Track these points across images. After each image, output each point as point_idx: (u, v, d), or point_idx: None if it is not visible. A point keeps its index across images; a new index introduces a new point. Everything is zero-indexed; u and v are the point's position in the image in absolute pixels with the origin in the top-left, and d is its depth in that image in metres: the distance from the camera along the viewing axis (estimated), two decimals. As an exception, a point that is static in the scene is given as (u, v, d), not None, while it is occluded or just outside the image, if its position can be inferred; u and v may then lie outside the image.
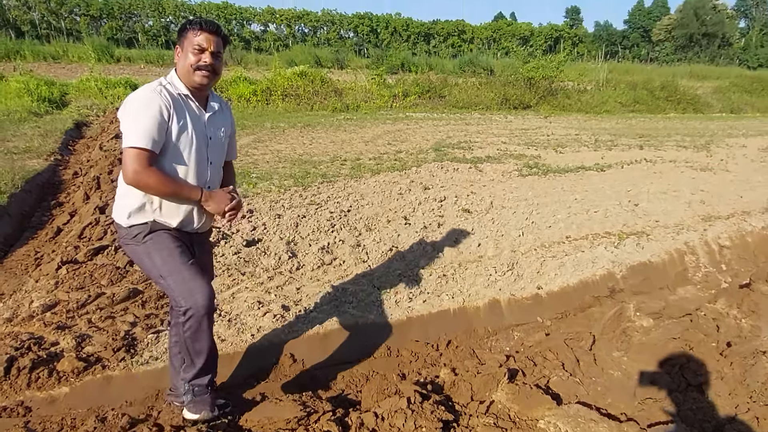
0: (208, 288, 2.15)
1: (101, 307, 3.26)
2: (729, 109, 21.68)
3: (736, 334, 3.09)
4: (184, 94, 2.11)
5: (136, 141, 1.95)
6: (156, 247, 2.14)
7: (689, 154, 9.87)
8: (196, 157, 2.15)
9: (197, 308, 2.11)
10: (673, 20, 65.86)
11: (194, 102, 2.15)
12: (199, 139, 2.16)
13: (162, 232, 2.17)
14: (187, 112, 2.11)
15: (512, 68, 20.12)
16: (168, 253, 2.14)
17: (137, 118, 1.97)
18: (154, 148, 1.99)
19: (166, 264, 2.13)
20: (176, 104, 2.07)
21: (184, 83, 2.12)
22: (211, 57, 2.08)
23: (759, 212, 6.07)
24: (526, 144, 10.21)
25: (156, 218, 2.15)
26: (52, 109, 12.09)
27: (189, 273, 2.13)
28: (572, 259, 4.48)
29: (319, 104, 15.42)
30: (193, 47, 2.06)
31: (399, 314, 3.51)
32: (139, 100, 2.00)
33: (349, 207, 5.45)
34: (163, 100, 2.02)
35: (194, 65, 2.07)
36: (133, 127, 1.96)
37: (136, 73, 22.41)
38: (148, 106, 1.99)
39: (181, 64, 2.10)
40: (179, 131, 2.07)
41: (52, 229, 4.82)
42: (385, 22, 62.45)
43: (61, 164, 7.26)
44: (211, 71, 2.10)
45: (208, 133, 2.21)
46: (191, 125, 2.12)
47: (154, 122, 1.97)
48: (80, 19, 51.70)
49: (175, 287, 2.12)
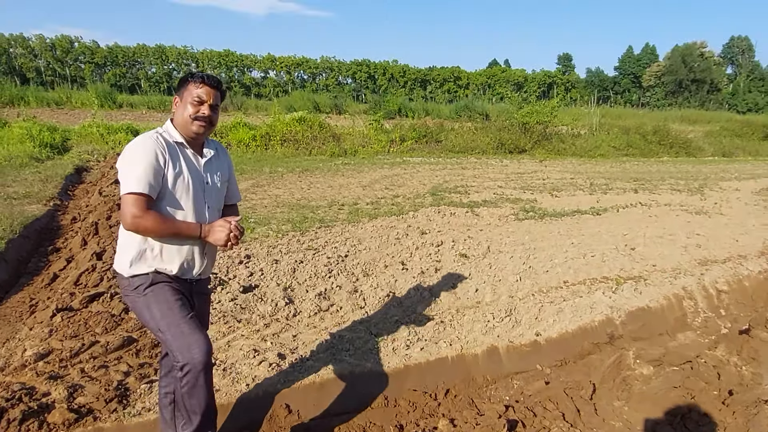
0: (205, 343, 2.14)
1: (95, 356, 3.22)
2: (721, 152, 22.06)
3: (738, 382, 3.06)
4: (179, 142, 2.17)
5: (132, 187, 1.99)
6: (156, 299, 2.14)
7: (684, 198, 9.99)
8: (194, 202, 2.18)
9: (194, 364, 2.09)
10: (662, 67, 67.86)
11: (189, 149, 2.21)
12: (196, 184, 2.20)
13: (163, 284, 2.17)
14: (183, 159, 2.17)
15: (507, 113, 20.59)
16: (167, 307, 2.13)
17: (133, 164, 2.02)
18: (151, 193, 2.02)
19: (165, 317, 2.12)
20: (171, 151, 2.12)
21: (180, 132, 2.18)
22: (210, 109, 2.16)
23: (755, 256, 6.10)
24: (522, 188, 10.33)
25: (157, 266, 2.16)
26: (53, 154, 12.24)
27: (187, 327, 2.12)
28: (570, 304, 4.46)
29: (318, 149, 15.65)
30: (193, 99, 2.13)
31: (396, 362, 3.46)
32: (135, 148, 2.06)
33: (347, 252, 5.46)
34: (159, 146, 2.07)
35: (193, 116, 2.13)
36: (130, 174, 2.01)
37: (137, 119, 22.81)
38: (143, 152, 2.04)
39: (179, 113, 2.17)
40: (175, 177, 2.11)
41: (48, 275, 4.80)
42: (383, 69, 64.13)
43: (60, 209, 7.29)
44: (208, 122, 2.17)
45: (205, 178, 2.25)
46: (187, 171, 2.16)
47: (149, 168, 2.02)
48: (85, 67, 53.00)
49: (172, 341, 2.11)
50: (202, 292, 2.44)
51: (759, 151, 23.22)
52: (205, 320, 2.52)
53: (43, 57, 51.52)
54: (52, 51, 51.50)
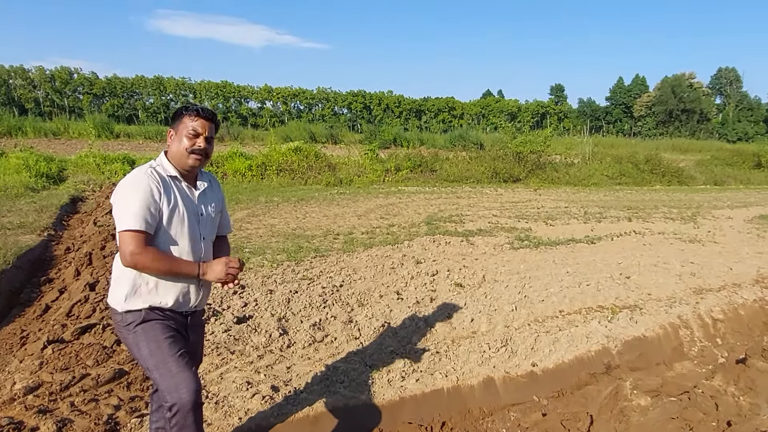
0: (194, 382, 2.10)
1: (85, 389, 3.16)
2: (712, 181, 22.31)
3: (736, 412, 3.03)
4: (173, 176, 2.17)
5: (130, 224, 1.99)
6: (145, 337, 2.12)
7: (677, 226, 10.05)
8: (189, 235, 2.18)
9: (182, 404, 2.05)
10: (652, 97, 69.21)
11: (184, 182, 2.21)
12: (191, 216, 2.20)
13: (154, 322, 2.14)
14: (177, 192, 2.17)
15: (501, 143, 20.82)
16: (156, 345, 2.10)
17: (129, 200, 2.02)
18: (148, 229, 2.02)
19: (153, 356, 2.09)
20: (166, 185, 2.12)
21: (174, 165, 2.18)
22: (205, 142, 2.18)
23: (749, 284, 6.11)
24: (517, 217, 10.38)
25: (152, 301, 2.13)
26: (49, 184, 12.26)
27: (176, 366, 2.08)
28: (566, 334, 4.44)
29: (313, 179, 15.75)
30: (188, 132, 2.14)
31: (391, 394, 3.42)
32: (129, 184, 2.06)
33: (342, 282, 5.44)
34: (153, 181, 2.07)
35: (189, 149, 2.14)
36: (126, 211, 2.00)
37: (134, 149, 22.97)
38: (138, 188, 2.04)
39: (174, 146, 2.18)
40: (171, 211, 2.11)
41: (41, 306, 4.75)
42: (378, 99, 65.08)
43: (54, 239, 7.26)
44: (203, 155, 2.19)
45: (199, 210, 2.26)
46: (182, 204, 2.17)
47: (145, 204, 2.02)
48: (83, 97, 53.57)
49: (161, 381, 2.08)
50: (197, 324, 2.42)
51: (750, 179, 23.50)
52: (198, 352, 2.49)
53: (42, 88, 52.11)
54: (51, 82, 52.13)
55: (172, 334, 2.17)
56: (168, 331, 2.16)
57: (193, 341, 2.34)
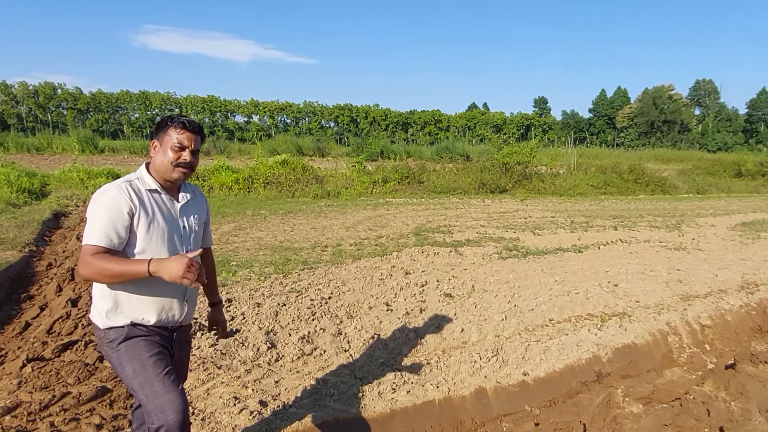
0: (180, 402, 2.01)
1: (66, 408, 3.06)
2: (695, 190, 22.64)
3: (728, 418, 3.02)
4: (152, 189, 2.10)
5: (91, 239, 1.93)
6: (128, 356, 2.04)
7: (662, 234, 10.15)
8: (169, 249, 2.10)
9: (169, 425, 1.97)
10: (634, 109, 70.49)
11: (165, 194, 2.14)
12: (171, 230, 2.13)
13: (138, 339, 2.07)
14: (156, 206, 2.09)
15: (488, 154, 20.97)
16: (140, 365, 2.03)
17: (95, 216, 1.96)
18: (109, 245, 1.94)
19: (137, 376, 2.02)
20: (142, 199, 2.05)
21: (155, 177, 2.12)
22: (191, 155, 2.12)
23: (735, 290, 6.17)
24: (505, 227, 10.41)
25: (134, 318, 2.06)
26: (31, 199, 12.04)
27: (161, 386, 2.01)
28: (557, 343, 4.43)
29: (301, 191, 15.68)
30: (173, 144, 2.08)
31: (382, 407, 3.36)
32: (99, 199, 1.99)
33: (330, 294, 5.39)
34: (125, 196, 1.99)
35: (174, 162, 2.08)
36: (90, 226, 1.95)
37: (119, 164, 22.73)
38: (107, 204, 1.97)
39: (158, 159, 2.11)
40: (148, 225, 2.04)
41: (20, 323, 4.62)
42: (365, 113, 65.37)
43: (35, 255, 7.11)
44: (189, 168, 2.13)
45: (181, 222, 2.19)
46: (161, 218, 2.09)
47: (110, 221, 1.95)
48: (67, 113, 53.10)
49: (146, 402, 2.00)
50: (183, 340, 2.35)
51: (731, 188, 23.89)
52: (184, 368, 2.42)
53: (25, 103, 51.58)
54: (34, 97, 51.63)
55: (157, 352, 2.09)
56: (152, 348, 2.08)
57: (178, 357, 2.28)
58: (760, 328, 5.27)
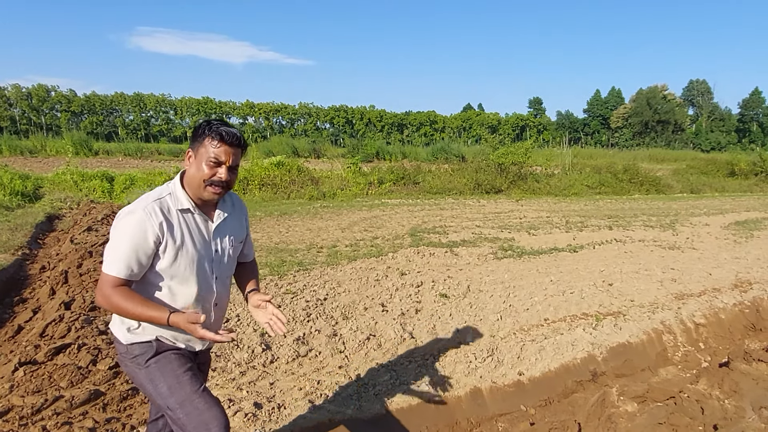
0: (224, 418, 1.89)
1: (58, 412, 3.04)
2: (689, 189, 22.74)
3: (721, 416, 3.03)
4: (185, 209, 1.90)
5: (109, 267, 1.79)
6: (161, 373, 1.90)
7: (656, 234, 10.19)
8: (197, 275, 1.93)
9: None
10: (628, 109, 70.83)
11: (198, 214, 1.94)
12: (201, 255, 1.93)
13: (169, 353, 1.94)
14: (188, 228, 1.90)
15: (483, 154, 21.00)
16: (176, 381, 1.89)
17: (117, 242, 1.80)
18: (130, 277, 1.80)
19: (174, 394, 1.88)
20: (172, 222, 1.86)
21: (190, 193, 1.91)
22: (228, 172, 1.88)
23: (728, 289, 6.19)
24: (500, 227, 10.43)
25: (159, 336, 1.93)
26: (24, 202, 11.98)
27: (202, 402, 1.88)
28: (552, 342, 4.43)
29: (296, 193, 15.66)
30: (208, 159, 1.84)
31: (378, 407, 3.35)
32: (124, 221, 1.81)
33: (326, 295, 5.38)
34: (153, 223, 1.80)
35: (207, 180, 1.86)
36: (112, 251, 1.80)
37: (113, 166, 22.66)
38: (132, 230, 1.79)
39: (191, 172, 1.89)
40: (176, 251, 1.86)
41: (13, 327, 4.59)
42: (360, 114, 65.39)
43: (29, 258, 7.07)
44: (224, 187, 1.90)
45: (214, 246, 1.99)
46: (190, 242, 1.90)
47: (133, 249, 1.78)
48: (61, 115, 52.88)
49: (186, 421, 1.86)
50: (204, 362, 2.24)
51: (725, 187, 24.01)
52: None
53: (18, 106, 51.34)
54: (28, 100, 51.39)
55: (190, 366, 1.97)
56: (185, 363, 1.96)
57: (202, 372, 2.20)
58: (754, 326, 5.30)
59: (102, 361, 3.68)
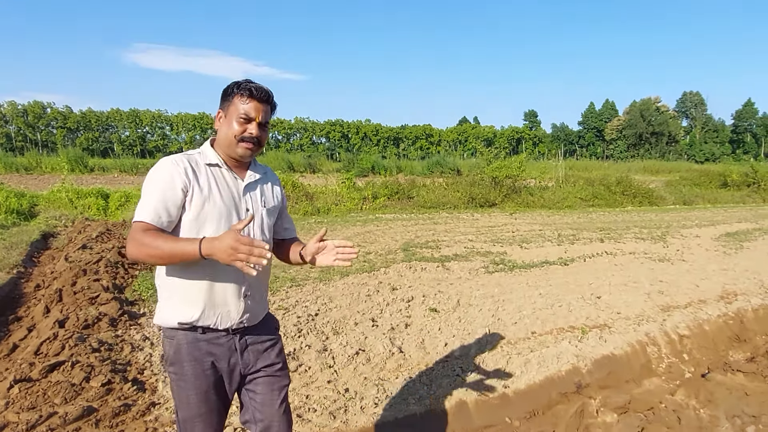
0: None
1: (52, 428, 3.11)
2: (681, 201, 22.93)
3: (697, 425, 3.13)
4: (213, 164, 1.88)
5: (139, 214, 1.75)
6: (176, 384, 1.91)
7: (647, 246, 10.31)
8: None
9: None
10: (622, 121, 71.49)
11: (227, 170, 1.91)
12: (230, 210, 1.87)
13: (186, 364, 1.88)
14: (216, 182, 1.86)
15: (478, 168, 21.18)
16: (185, 400, 1.89)
17: (146, 191, 1.78)
18: (158, 224, 1.74)
19: (180, 409, 1.92)
20: (199, 173, 1.84)
21: (220, 153, 1.91)
22: (258, 128, 1.88)
23: (714, 300, 6.30)
24: (493, 241, 10.54)
25: (180, 318, 1.84)
26: (19, 220, 12.06)
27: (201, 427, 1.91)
28: (537, 355, 4.52)
29: (291, 208, 15.78)
30: (239, 116, 1.85)
31: (364, 421, 3.43)
32: (152, 173, 1.80)
33: (317, 311, 5.47)
34: (179, 170, 1.78)
35: (238, 136, 1.86)
36: (141, 201, 1.77)
37: (109, 182, 22.76)
38: (160, 178, 1.78)
39: (223, 131, 1.89)
40: (203, 201, 1.81)
41: (8, 345, 4.66)
42: (356, 128, 65.78)
43: (23, 277, 7.14)
44: (256, 143, 1.90)
45: (244, 203, 1.92)
46: (219, 196, 1.85)
47: (161, 197, 1.75)
48: (56, 132, 53.06)
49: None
50: (261, 343, 2.03)
51: (717, 198, 24.23)
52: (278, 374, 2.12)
53: (14, 123, 51.51)
54: (23, 117, 51.58)
55: (204, 383, 1.91)
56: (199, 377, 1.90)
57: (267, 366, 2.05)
58: (738, 337, 5.40)
59: (95, 378, 3.75)
